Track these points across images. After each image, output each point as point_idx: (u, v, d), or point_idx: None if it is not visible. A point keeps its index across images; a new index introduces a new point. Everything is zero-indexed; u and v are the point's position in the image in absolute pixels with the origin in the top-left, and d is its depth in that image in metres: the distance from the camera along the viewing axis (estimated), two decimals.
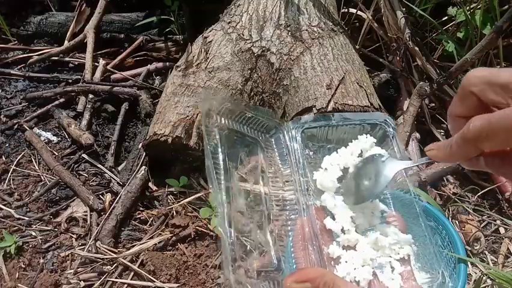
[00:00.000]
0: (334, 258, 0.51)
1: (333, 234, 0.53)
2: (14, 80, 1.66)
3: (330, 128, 0.58)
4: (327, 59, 1.22)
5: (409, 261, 0.52)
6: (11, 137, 1.45)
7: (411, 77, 1.43)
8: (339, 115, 0.59)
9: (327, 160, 0.57)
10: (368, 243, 0.52)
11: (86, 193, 1.23)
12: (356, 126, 0.59)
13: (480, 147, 0.38)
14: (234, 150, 0.55)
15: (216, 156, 0.51)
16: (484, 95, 0.38)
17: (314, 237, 0.51)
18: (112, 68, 1.64)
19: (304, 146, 0.57)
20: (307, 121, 0.58)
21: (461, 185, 1.22)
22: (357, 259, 0.50)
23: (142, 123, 1.46)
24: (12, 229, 1.18)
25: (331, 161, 0.57)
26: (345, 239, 0.52)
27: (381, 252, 0.51)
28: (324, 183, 0.55)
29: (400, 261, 0.51)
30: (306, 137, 0.58)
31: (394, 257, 0.51)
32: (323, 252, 0.50)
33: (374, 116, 0.59)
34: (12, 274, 1.09)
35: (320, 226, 0.53)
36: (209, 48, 1.29)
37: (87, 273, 1.08)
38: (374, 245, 0.52)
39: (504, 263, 1.08)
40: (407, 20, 1.34)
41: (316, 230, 0.51)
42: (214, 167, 0.50)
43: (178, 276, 1.06)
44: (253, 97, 1.26)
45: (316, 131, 0.58)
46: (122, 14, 1.83)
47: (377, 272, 0.50)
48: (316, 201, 0.55)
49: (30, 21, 1.79)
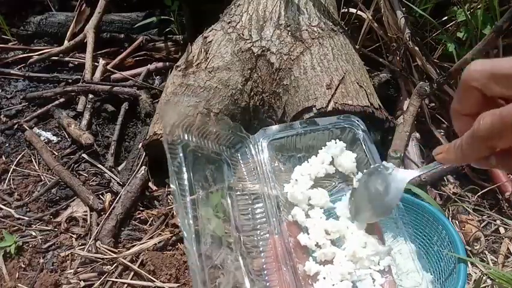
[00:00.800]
0: (311, 276, 0.48)
1: (309, 250, 0.50)
2: (14, 80, 1.66)
3: (298, 137, 0.56)
4: (327, 59, 1.22)
5: (390, 271, 0.49)
6: (11, 137, 1.45)
7: (411, 77, 1.43)
8: (305, 122, 0.56)
9: (297, 171, 0.55)
10: (346, 256, 0.50)
11: (86, 193, 1.22)
12: (324, 132, 0.56)
13: (493, 145, 0.35)
14: (199, 168, 0.51)
15: (181, 176, 0.47)
16: (488, 88, 0.36)
17: (288, 256, 0.48)
18: (112, 68, 1.64)
19: (273, 158, 0.55)
20: (274, 132, 0.55)
21: (461, 185, 1.22)
22: (335, 274, 0.48)
23: (142, 123, 1.46)
24: (12, 229, 1.18)
25: (301, 171, 0.55)
26: (321, 254, 0.49)
27: (360, 264, 0.49)
28: (295, 195, 0.53)
29: (381, 272, 0.49)
30: (274, 148, 0.55)
31: (374, 268, 0.49)
32: (298, 271, 0.48)
33: (342, 120, 0.56)
34: (12, 274, 1.09)
35: (294, 243, 0.50)
36: (209, 48, 1.29)
37: (87, 273, 1.07)
38: (352, 258, 0.49)
39: (504, 263, 1.08)
40: (407, 20, 1.34)
41: (289, 248, 0.49)
42: (180, 188, 0.46)
43: (178, 276, 1.06)
44: (253, 97, 1.26)
45: (284, 140, 0.56)
46: (122, 14, 1.83)
47: (358, 285, 0.48)
48: (289, 216, 0.52)
49: (30, 21, 1.79)
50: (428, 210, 0.90)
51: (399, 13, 1.35)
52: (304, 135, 0.56)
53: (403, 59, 1.43)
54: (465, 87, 0.37)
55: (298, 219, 0.52)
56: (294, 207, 0.53)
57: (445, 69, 1.40)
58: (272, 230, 0.51)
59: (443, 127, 1.39)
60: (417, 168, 0.51)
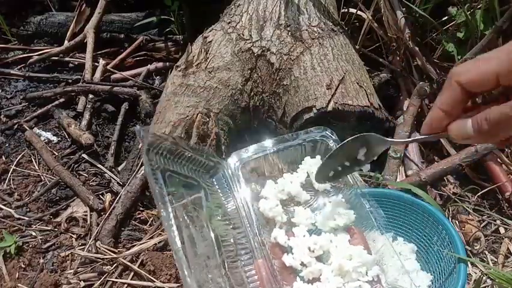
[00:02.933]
0: None
1: (295, 270, 0.50)
2: (14, 80, 1.66)
3: (270, 156, 0.56)
4: (327, 59, 1.22)
5: (379, 280, 0.49)
6: (11, 137, 1.45)
7: (411, 77, 1.43)
8: (276, 140, 0.56)
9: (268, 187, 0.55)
10: (333, 271, 0.49)
11: (86, 193, 1.23)
12: (297, 147, 0.57)
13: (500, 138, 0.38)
14: (179, 194, 0.51)
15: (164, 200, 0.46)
16: (474, 86, 0.38)
17: (273, 280, 0.48)
18: (112, 68, 1.64)
19: (248, 180, 0.55)
20: (247, 154, 0.55)
21: (461, 185, 1.22)
22: None
23: (142, 123, 1.46)
24: (12, 229, 1.18)
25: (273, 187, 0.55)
26: (308, 273, 0.49)
27: (348, 278, 0.49)
28: (266, 212, 0.53)
29: (369, 283, 0.49)
30: (248, 170, 0.55)
31: (362, 280, 0.49)
32: None
33: (313, 133, 0.57)
34: (12, 274, 1.09)
35: (279, 265, 0.50)
36: (209, 48, 1.29)
37: (87, 273, 1.07)
38: (340, 272, 0.49)
39: (504, 263, 1.08)
40: (407, 20, 1.34)
41: (273, 272, 0.49)
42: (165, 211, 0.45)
43: (178, 276, 1.06)
44: (253, 97, 1.26)
45: (258, 161, 0.56)
46: (122, 14, 1.83)
47: None
48: (270, 238, 0.52)
49: (30, 21, 1.79)
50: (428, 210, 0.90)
51: (399, 13, 1.35)
52: (276, 153, 0.56)
53: (403, 59, 1.43)
54: (452, 85, 0.40)
55: (279, 241, 0.51)
56: (273, 228, 0.53)
57: (445, 69, 1.40)
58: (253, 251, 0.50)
59: None
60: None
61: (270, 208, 0.53)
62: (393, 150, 1.22)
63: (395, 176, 1.19)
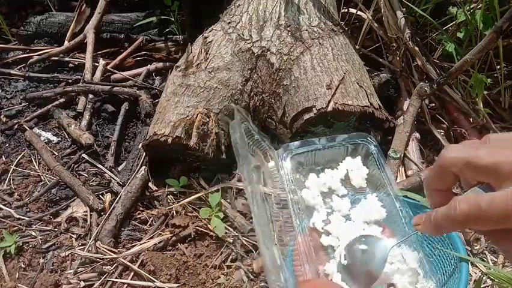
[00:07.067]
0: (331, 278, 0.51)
1: (329, 253, 0.54)
2: (14, 80, 1.66)
3: (317, 151, 0.62)
4: (327, 59, 1.22)
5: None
6: (11, 137, 1.45)
7: (411, 77, 1.43)
8: (324, 138, 0.62)
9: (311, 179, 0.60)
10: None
11: (86, 193, 1.22)
12: (340, 147, 0.62)
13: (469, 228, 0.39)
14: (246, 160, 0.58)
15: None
16: (464, 174, 0.39)
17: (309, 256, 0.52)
18: (112, 68, 1.64)
19: (294, 170, 0.60)
20: (295, 146, 0.61)
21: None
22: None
23: (142, 123, 1.46)
24: (12, 229, 1.18)
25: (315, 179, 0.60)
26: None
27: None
28: (308, 200, 0.58)
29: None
30: (295, 161, 0.61)
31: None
32: (318, 272, 0.52)
33: (356, 136, 0.62)
34: (12, 274, 1.09)
35: (315, 245, 0.54)
36: (209, 48, 1.29)
37: (87, 273, 1.08)
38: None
39: (504, 263, 1.08)
40: (407, 20, 1.34)
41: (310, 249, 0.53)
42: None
43: (178, 276, 1.06)
44: (253, 97, 1.26)
45: (305, 155, 0.62)
46: (122, 14, 1.83)
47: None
48: (309, 223, 0.57)
49: (30, 21, 1.79)
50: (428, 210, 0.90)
51: (399, 13, 1.35)
52: (322, 150, 0.62)
53: (403, 59, 1.43)
54: (442, 170, 0.41)
55: (317, 227, 0.56)
56: (313, 213, 0.57)
57: (445, 69, 1.41)
58: (298, 231, 0.55)
59: (443, 127, 1.39)
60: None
61: (312, 197, 0.58)
62: (393, 150, 1.22)
63: (395, 176, 1.19)
